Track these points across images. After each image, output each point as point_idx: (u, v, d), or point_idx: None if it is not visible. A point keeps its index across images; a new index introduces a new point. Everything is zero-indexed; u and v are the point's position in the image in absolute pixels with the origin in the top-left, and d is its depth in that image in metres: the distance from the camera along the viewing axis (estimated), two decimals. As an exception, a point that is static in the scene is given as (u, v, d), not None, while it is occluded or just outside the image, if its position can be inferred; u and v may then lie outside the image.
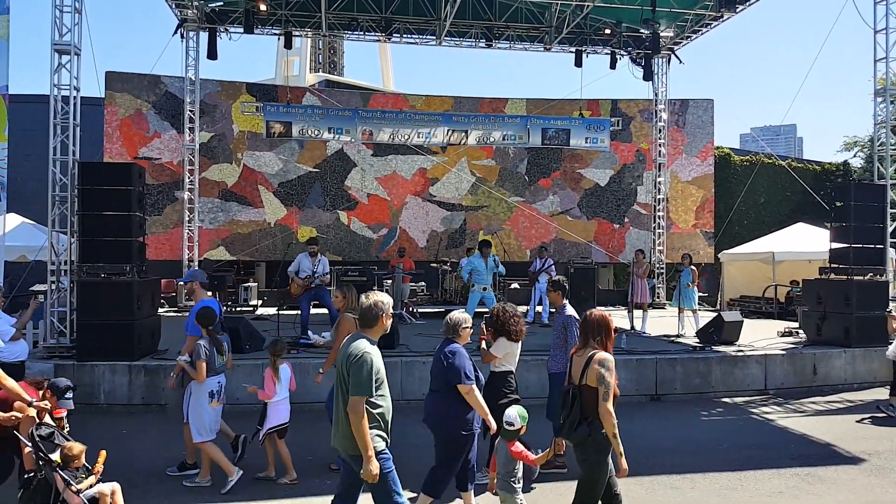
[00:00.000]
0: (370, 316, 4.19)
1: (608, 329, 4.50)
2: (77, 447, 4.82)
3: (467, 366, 4.81)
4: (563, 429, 4.42)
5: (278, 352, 6.37)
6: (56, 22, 9.69)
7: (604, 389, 4.26)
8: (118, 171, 9.97)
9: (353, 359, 4.00)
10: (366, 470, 3.90)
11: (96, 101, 15.81)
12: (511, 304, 5.99)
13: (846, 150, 29.53)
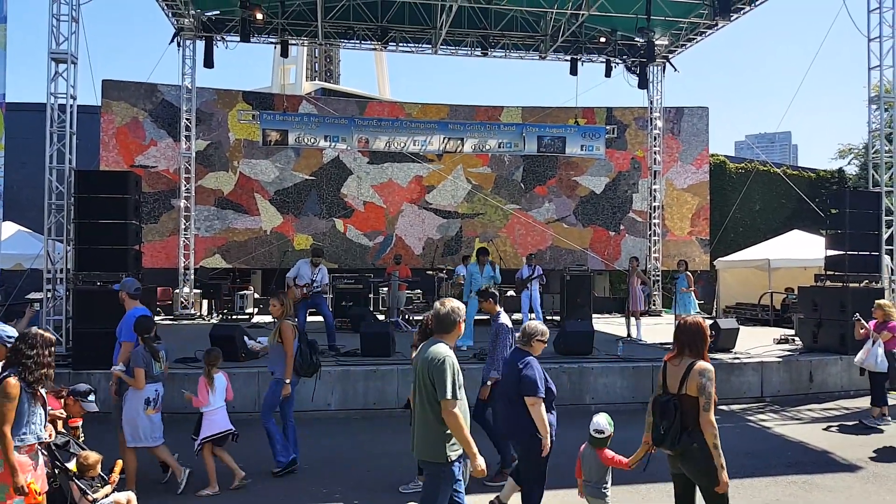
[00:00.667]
0: (448, 322, 4.25)
1: (704, 336, 4.40)
2: (93, 456, 4.78)
3: (539, 378, 4.84)
4: (665, 440, 4.31)
5: (213, 361, 6.29)
6: (53, 31, 9.71)
7: (705, 400, 4.19)
8: (114, 179, 9.97)
9: (436, 363, 4.02)
10: (474, 466, 3.97)
11: (93, 110, 15.82)
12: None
13: (841, 157, 29.71)
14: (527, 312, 13.73)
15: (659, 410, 4.38)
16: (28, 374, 4.11)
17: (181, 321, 15.60)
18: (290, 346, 6.39)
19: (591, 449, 4.75)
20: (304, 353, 6.54)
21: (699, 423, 4.17)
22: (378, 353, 9.78)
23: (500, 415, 5.06)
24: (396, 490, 6.04)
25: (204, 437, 6.06)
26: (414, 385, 4.23)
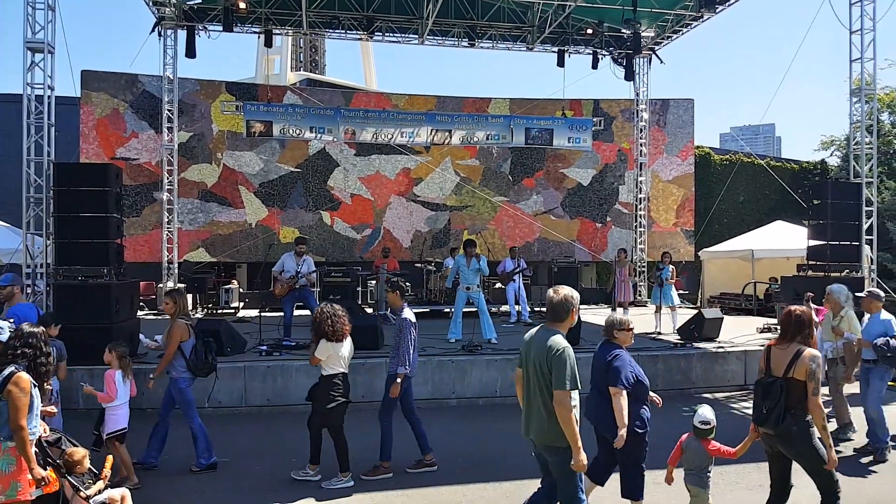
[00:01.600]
0: (562, 310, 4.23)
1: (811, 324, 4.66)
2: (79, 452, 4.69)
3: (626, 369, 4.81)
4: (769, 420, 4.53)
5: (123, 354, 6.20)
6: (28, 19, 9.53)
7: (813, 385, 4.44)
8: (94, 171, 9.79)
9: (553, 353, 4.04)
10: (576, 460, 4.03)
11: (72, 101, 15.58)
12: (332, 305, 6.07)
13: (823, 149, 29.87)
14: (513, 304, 13.75)
15: (762, 392, 4.62)
16: (38, 368, 4.22)
17: (165, 316, 15.42)
18: (172, 346, 6.31)
19: (696, 440, 4.89)
20: (199, 352, 6.44)
21: (802, 405, 4.46)
22: (366, 347, 9.72)
23: (592, 406, 5.03)
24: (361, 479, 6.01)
25: (110, 433, 5.98)
26: (524, 373, 4.30)
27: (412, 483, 6.00)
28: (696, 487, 4.89)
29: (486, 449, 7.05)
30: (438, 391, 9.12)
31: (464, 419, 8.32)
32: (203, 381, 8.22)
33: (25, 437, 4.05)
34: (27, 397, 4.08)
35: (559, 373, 3.99)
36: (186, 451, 6.47)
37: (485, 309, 10.84)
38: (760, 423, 4.59)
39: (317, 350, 5.92)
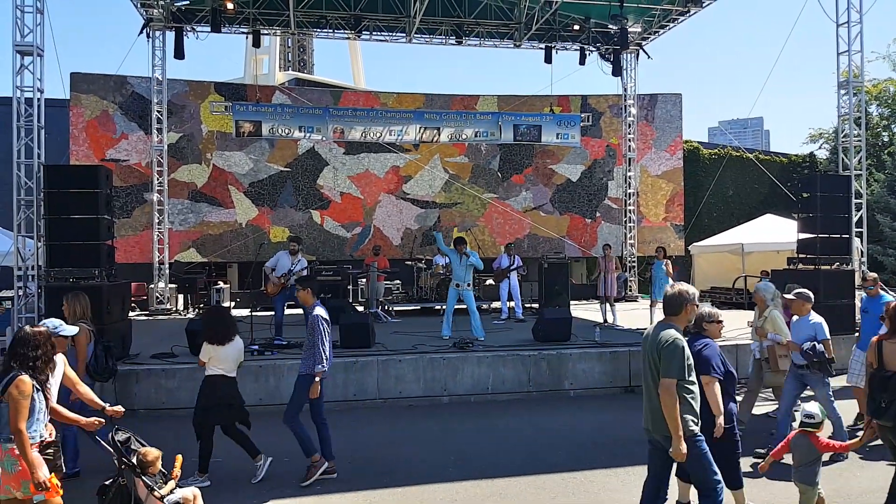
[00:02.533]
0: (676, 304, 4.37)
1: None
2: (153, 452, 4.70)
3: (716, 358, 4.83)
4: (887, 413, 4.60)
5: None
6: (17, 22, 9.48)
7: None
8: (85, 173, 9.79)
9: (664, 344, 4.19)
10: (675, 449, 4.11)
11: (61, 103, 15.52)
12: (217, 307, 6.13)
13: (812, 142, 30.14)
14: (505, 301, 13.81)
15: (880, 385, 4.69)
16: (38, 372, 4.18)
17: (156, 316, 15.44)
18: (82, 350, 6.23)
19: (804, 436, 4.90)
20: (100, 357, 6.41)
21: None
22: (358, 345, 9.76)
23: None
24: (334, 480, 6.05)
25: None
26: (645, 365, 4.42)
27: (405, 481, 6.03)
28: (804, 485, 4.90)
29: (479, 446, 7.10)
30: (430, 389, 9.16)
31: (456, 416, 8.36)
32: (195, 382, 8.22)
33: (25, 441, 4.03)
34: (27, 401, 4.07)
35: (668, 362, 4.17)
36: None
37: (474, 308, 10.86)
38: (878, 416, 4.66)
39: (200, 352, 6.03)
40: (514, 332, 11.85)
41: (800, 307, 6.70)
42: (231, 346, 6.07)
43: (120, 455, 4.52)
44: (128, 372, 8.79)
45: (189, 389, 8.79)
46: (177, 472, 4.83)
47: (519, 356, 9.53)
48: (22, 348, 4.19)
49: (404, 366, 9.14)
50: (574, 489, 5.89)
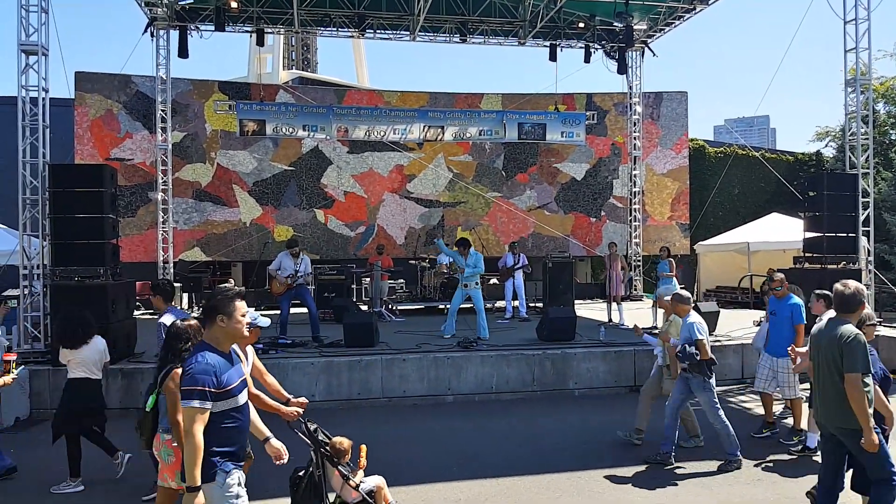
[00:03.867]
0: (854, 302, 4.50)
1: None
2: (345, 442, 4.69)
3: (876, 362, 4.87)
4: None
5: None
6: (22, 22, 9.48)
7: None
8: (89, 172, 9.81)
9: (846, 339, 4.32)
10: (867, 441, 4.24)
11: (66, 102, 15.55)
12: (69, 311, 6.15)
13: (818, 140, 29.96)
14: (510, 300, 13.78)
15: None
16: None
17: (162, 315, 15.44)
18: None
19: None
20: None
21: None
22: (362, 344, 9.76)
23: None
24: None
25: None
26: (815, 364, 4.59)
27: (409, 480, 6.02)
28: None
29: (483, 445, 7.08)
30: (434, 388, 9.15)
31: (460, 416, 8.35)
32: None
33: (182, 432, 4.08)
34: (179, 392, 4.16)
35: (852, 356, 4.27)
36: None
37: (481, 307, 10.85)
38: None
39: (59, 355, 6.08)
40: (518, 331, 11.83)
41: (678, 308, 6.55)
42: (87, 348, 6.07)
43: (317, 445, 4.51)
44: (133, 370, 8.81)
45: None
46: (363, 461, 4.82)
47: (523, 355, 9.51)
48: (175, 342, 4.37)
49: (408, 365, 9.13)
50: (579, 489, 5.87)
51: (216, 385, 3.30)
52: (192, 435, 3.24)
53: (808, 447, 6.69)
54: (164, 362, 4.40)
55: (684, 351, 6.29)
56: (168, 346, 4.43)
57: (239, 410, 3.44)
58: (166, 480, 4.34)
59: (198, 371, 3.28)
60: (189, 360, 3.38)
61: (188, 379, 3.29)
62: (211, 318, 3.43)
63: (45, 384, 8.65)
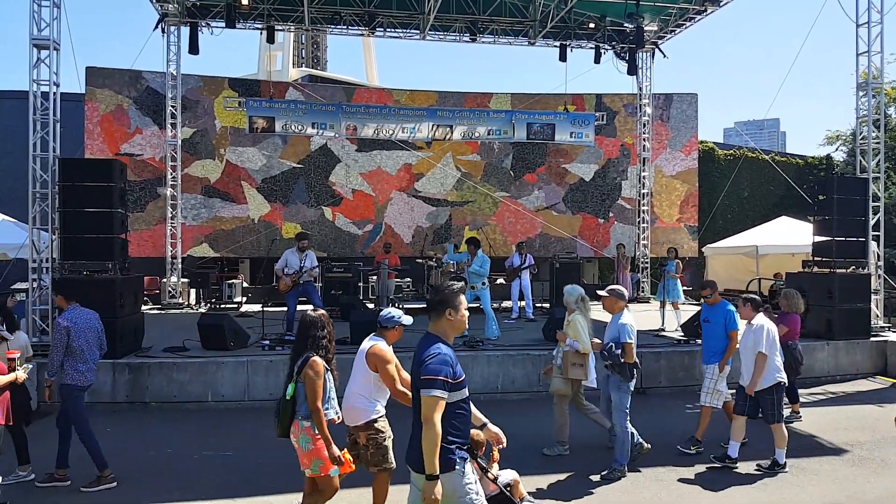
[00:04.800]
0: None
1: None
2: (481, 434, 4.68)
3: None
4: None
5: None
6: (34, 16, 9.52)
7: None
8: (99, 167, 9.85)
9: None
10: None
11: (77, 97, 15.62)
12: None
13: (829, 144, 29.77)
14: (516, 301, 13.76)
15: None
16: (328, 352, 4.57)
17: (169, 310, 15.52)
18: None
19: None
20: None
21: None
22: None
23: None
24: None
25: None
26: None
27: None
28: None
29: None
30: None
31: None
32: (206, 376, 8.28)
33: (322, 418, 4.38)
34: (321, 380, 4.41)
35: None
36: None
37: (489, 308, 10.84)
38: None
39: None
40: (524, 331, 11.80)
41: (612, 305, 6.28)
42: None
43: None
44: (140, 365, 8.84)
45: (200, 383, 8.84)
46: (496, 455, 4.84)
47: (529, 356, 9.49)
48: (312, 330, 4.54)
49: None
50: (585, 490, 5.85)
51: (452, 376, 3.38)
52: (434, 424, 3.27)
53: (729, 456, 6.44)
54: (300, 351, 4.54)
55: (610, 350, 6.10)
56: (304, 334, 4.57)
57: (466, 401, 3.53)
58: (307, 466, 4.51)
59: (439, 362, 3.35)
60: (427, 351, 3.42)
61: (431, 369, 3.34)
62: (440, 311, 3.52)
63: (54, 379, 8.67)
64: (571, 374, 6.59)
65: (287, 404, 4.50)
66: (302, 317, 4.73)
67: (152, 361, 8.90)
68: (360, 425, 4.72)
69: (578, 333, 6.58)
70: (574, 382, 6.69)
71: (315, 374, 4.39)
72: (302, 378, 4.43)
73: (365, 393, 4.75)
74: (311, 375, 4.38)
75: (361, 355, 4.79)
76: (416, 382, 3.42)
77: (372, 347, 4.74)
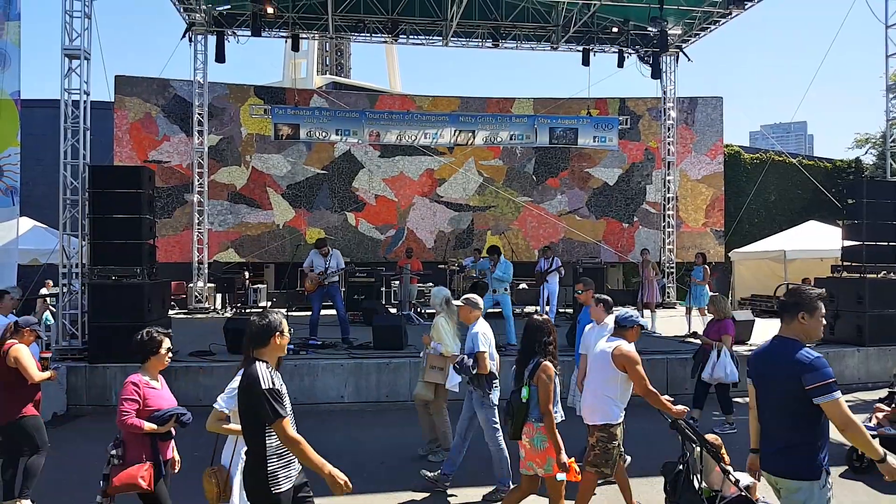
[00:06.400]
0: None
1: None
2: (719, 437, 4.89)
3: None
4: None
5: None
6: (66, 27, 9.75)
7: None
8: (128, 174, 10.05)
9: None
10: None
11: (106, 105, 15.91)
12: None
13: (858, 146, 29.30)
14: (543, 306, 13.69)
15: None
16: (555, 357, 4.75)
17: (195, 315, 15.71)
18: None
19: None
20: None
21: None
22: (390, 346, 9.80)
23: None
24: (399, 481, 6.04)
25: None
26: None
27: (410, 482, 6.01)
28: None
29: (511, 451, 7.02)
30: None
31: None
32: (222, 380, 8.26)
33: (552, 421, 4.56)
34: (552, 384, 4.60)
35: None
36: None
37: (509, 313, 10.82)
38: None
39: None
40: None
41: (466, 314, 5.99)
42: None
43: (702, 441, 4.63)
44: (167, 369, 8.93)
45: (226, 387, 8.92)
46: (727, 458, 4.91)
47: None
48: (540, 335, 4.74)
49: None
50: (605, 497, 5.80)
51: None
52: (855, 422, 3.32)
53: None
54: (529, 355, 4.73)
55: (461, 362, 5.77)
56: (532, 339, 4.76)
57: None
58: (531, 469, 4.66)
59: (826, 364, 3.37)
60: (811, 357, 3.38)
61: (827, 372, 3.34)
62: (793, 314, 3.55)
63: (82, 381, 8.85)
64: (428, 376, 6.43)
65: (523, 407, 4.67)
66: (528, 322, 4.95)
67: (179, 365, 9.01)
68: (597, 424, 4.93)
69: (441, 336, 6.38)
70: (438, 387, 6.49)
71: (548, 377, 4.59)
72: (535, 381, 4.62)
73: (613, 395, 4.96)
74: (545, 379, 4.57)
75: (604, 356, 4.98)
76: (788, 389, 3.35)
77: (617, 348, 4.92)
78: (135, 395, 4.18)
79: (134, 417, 4.14)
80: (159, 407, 4.27)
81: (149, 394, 4.25)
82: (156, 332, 4.42)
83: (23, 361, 5.38)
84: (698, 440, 4.58)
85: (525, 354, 4.78)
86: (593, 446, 4.92)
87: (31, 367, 5.42)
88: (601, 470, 4.89)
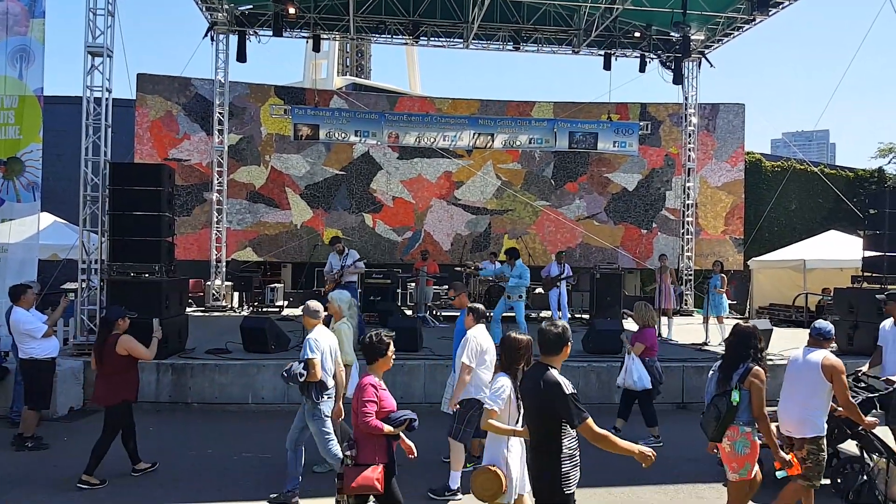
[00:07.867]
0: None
1: None
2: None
3: None
4: None
5: None
6: (89, 24, 9.85)
7: None
8: (148, 171, 10.12)
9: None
10: None
11: (128, 103, 16.08)
12: None
13: (881, 156, 28.94)
14: (556, 311, 13.62)
15: None
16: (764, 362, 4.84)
17: (212, 313, 15.81)
18: None
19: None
20: None
21: None
22: (405, 348, 9.77)
23: None
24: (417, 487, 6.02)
25: None
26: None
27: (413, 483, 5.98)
28: None
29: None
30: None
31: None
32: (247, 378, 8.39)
33: (768, 424, 4.65)
34: (765, 388, 4.66)
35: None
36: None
37: (522, 319, 10.75)
38: None
39: None
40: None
41: (307, 322, 5.82)
42: None
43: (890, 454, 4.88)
44: (183, 366, 9.02)
45: (241, 385, 8.98)
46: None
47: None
48: (753, 341, 4.78)
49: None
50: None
51: None
52: None
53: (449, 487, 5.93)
54: (738, 360, 4.76)
55: (289, 370, 5.46)
56: (745, 344, 4.78)
57: None
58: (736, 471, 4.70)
59: None
60: None
61: None
62: None
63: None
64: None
65: (732, 410, 4.69)
66: (738, 328, 4.96)
67: (195, 363, 9.07)
68: (808, 437, 5.00)
69: (342, 342, 6.16)
70: None
71: (761, 382, 4.64)
72: (746, 386, 4.65)
73: (821, 407, 5.06)
74: (758, 384, 4.63)
75: (811, 367, 5.07)
76: None
77: (826, 358, 5.03)
78: (374, 397, 4.23)
79: (375, 419, 4.19)
80: (392, 408, 4.33)
81: (383, 395, 4.32)
82: (384, 334, 4.51)
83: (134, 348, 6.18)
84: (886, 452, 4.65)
85: (733, 359, 4.83)
86: (804, 459, 4.98)
87: (141, 349, 6.23)
88: (813, 483, 5.00)
